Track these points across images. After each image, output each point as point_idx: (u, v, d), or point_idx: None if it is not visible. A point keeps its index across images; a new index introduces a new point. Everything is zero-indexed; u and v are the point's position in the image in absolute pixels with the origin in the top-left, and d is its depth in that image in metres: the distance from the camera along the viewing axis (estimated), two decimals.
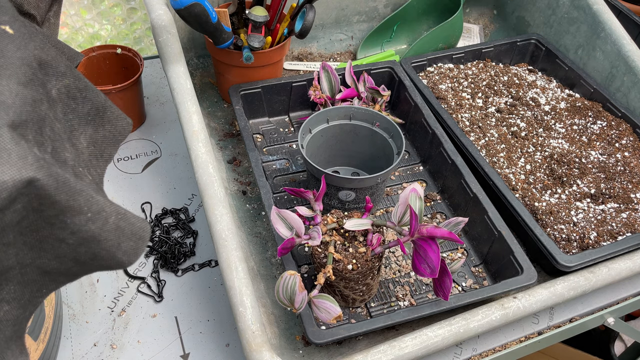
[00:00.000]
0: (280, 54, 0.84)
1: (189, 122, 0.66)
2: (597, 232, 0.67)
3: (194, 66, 0.96)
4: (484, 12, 1.14)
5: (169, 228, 0.74)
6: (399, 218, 0.58)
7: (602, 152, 0.78)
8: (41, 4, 0.43)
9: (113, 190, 0.78)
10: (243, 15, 0.82)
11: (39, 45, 0.35)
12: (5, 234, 0.30)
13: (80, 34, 1.18)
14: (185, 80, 0.69)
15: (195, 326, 0.64)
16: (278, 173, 0.77)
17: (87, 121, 0.39)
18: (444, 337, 0.53)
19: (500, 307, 0.56)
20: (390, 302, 0.64)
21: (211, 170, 0.62)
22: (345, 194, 0.67)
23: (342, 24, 1.05)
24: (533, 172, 0.74)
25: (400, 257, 0.68)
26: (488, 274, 0.68)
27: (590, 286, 0.60)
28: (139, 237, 0.36)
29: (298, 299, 0.53)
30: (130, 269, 0.69)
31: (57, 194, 0.30)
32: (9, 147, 0.28)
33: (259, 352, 0.50)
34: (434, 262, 0.53)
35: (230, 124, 0.87)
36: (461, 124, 0.81)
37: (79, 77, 0.38)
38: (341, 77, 0.84)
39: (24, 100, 0.31)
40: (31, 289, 0.34)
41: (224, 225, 0.58)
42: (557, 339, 0.67)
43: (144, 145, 0.86)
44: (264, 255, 0.69)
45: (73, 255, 0.34)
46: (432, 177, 0.79)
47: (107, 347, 0.62)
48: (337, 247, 0.58)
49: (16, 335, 0.35)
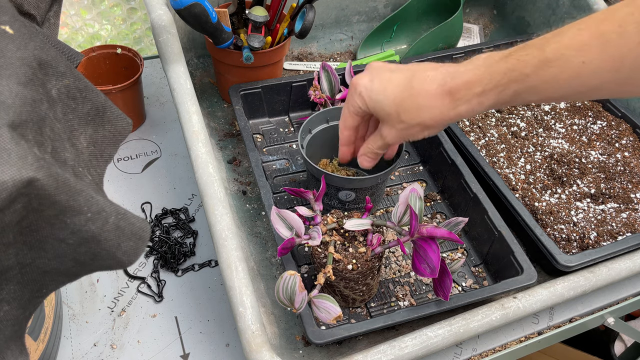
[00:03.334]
0: (280, 54, 0.84)
1: (189, 122, 0.66)
2: (597, 232, 0.67)
3: (194, 66, 0.96)
4: (484, 12, 1.14)
5: (169, 228, 0.74)
6: (399, 218, 0.58)
7: (602, 152, 0.78)
8: (41, 4, 0.43)
9: (113, 190, 0.78)
10: (243, 15, 0.82)
11: (39, 45, 0.35)
12: (5, 234, 0.30)
13: (80, 34, 1.18)
14: (185, 80, 0.69)
15: (195, 326, 0.64)
16: (278, 173, 0.77)
17: (87, 121, 0.39)
18: (444, 337, 0.53)
19: (500, 307, 0.56)
20: (390, 302, 0.64)
21: (211, 170, 0.62)
22: (345, 194, 0.67)
23: (342, 24, 1.05)
24: (533, 172, 0.74)
25: (400, 257, 0.68)
26: (488, 274, 0.68)
27: (590, 286, 0.60)
28: (139, 237, 0.36)
29: (298, 299, 0.53)
30: (130, 269, 0.69)
31: (57, 194, 0.30)
32: (9, 147, 0.28)
33: (259, 352, 0.50)
34: (434, 262, 0.53)
35: (230, 124, 0.87)
36: (461, 124, 0.81)
37: (79, 77, 0.38)
38: (341, 77, 0.84)
39: (23, 100, 0.31)
40: (31, 289, 0.34)
41: (224, 225, 0.58)
42: (557, 339, 0.67)
43: (144, 145, 0.86)
44: (264, 255, 0.69)
45: (73, 255, 0.34)
46: (432, 177, 0.79)
47: (107, 347, 0.62)
48: (337, 247, 0.58)
49: (16, 335, 0.35)
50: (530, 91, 0.46)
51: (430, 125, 0.51)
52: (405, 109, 0.51)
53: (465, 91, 0.48)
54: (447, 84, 0.49)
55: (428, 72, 0.51)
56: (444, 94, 0.49)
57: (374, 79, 0.54)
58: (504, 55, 0.47)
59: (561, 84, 0.44)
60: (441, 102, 0.49)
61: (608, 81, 0.43)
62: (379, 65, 0.55)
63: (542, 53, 0.44)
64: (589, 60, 0.42)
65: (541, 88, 0.45)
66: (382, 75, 0.54)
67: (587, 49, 0.42)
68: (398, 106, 0.52)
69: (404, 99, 0.51)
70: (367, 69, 0.56)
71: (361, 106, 0.55)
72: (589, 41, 0.42)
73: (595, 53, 0.42)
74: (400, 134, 0.54)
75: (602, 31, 0.42)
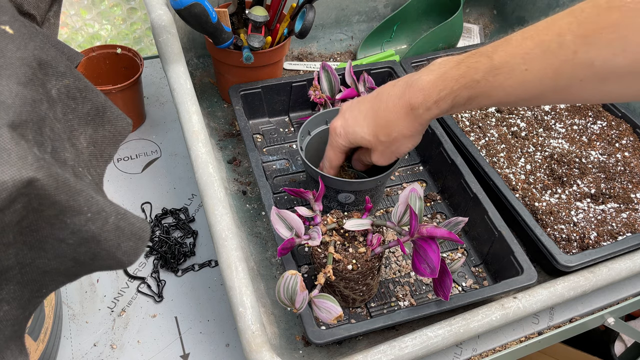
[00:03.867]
0: (280, 54, 0.84)
1: (189, 122, 0.66)
2: (597, 232, 0.67)
3: (194, 66, 0.96)
4: (484, 12, 1.14)
5: (169, 228, 0.74)
6: (399, 218, 0.58)
7: (602, 152, 0.78)
8: (41, 4, 0.43)
9: (113, 190, 0.78)
10: (243, 15, 0.82)
11: (39, 45, 0.35)
12: (5, 234, 0.30)
13: (80, 34, 1.18)
14: (185, 80, 0.69)
15: (195, 326, 0.64)
16: (278, 173, 0.77)
17: (87, 121, 0.39)
18: (444, 337, 0.53)
19: (500, 307, 0.56)
20: (390, 302, 0.64)
21: (211, 170, 0.62)
22: (344, 196, 0.67)
23: (342, 24, 1.05)
24: (533, 172, 0.74)
25: (400, 257, 0.68)
26: (488, 274, 0.68)
27: (590, 286, 0.60)
28: (139, 237, 0.36)
29: (299, 298, 0.53)
30: (130, 269, 0.69)
31: (57, 194, 0.30)
32: (9, 147, 0.28)
33: (259, 352, 0.50)
34: (434, 262, 0.53)
35: (230, 124, 0.87)
36: (461, 124, 0.81)
37: (79, 77, 0.38)
38: (341, 77, 0.84)
39: (23, 100, 0.31)
40: (31, 289, 0.34)
41: (224, 225, 0.58)
42: (557, 339, 0.67)
43: (144, 145, 0.86)
44: (264, 255, 0.69)
45: (73, 255, 0.34)
46: (432, 177, 0.79)
47: (107, 347, 0.62)
48: (337, 247, 0.58)
49: (16, 335, 0.35)
50: (482, 96, 0.48)
51: (407, 135, 0.55)
52: (380, 128, 0.56)
53: (423, 102, 0.51)
54: (405, 97, 0.53)
55: (388, 90, 0.55)
56: (406, 109, 0.53)
57: (346, 116, 0.60)
58: (456, 62, 0.49)
59: (507, 90, 0.46)
60: (405, 115, 0.54)
61: (548, 89, 0.44)
62: (348, 104, 0.61)
63: (490, 60, 0.46)
64: (531, 67, 0.44)
65: (492, 94, 0.47)
66: (353, 110, 0.59)
67: (529, 57, 0.44)
68: (373, 129, 0.57)
69: (375, 119, 0.56)
70: (339, 112, 0.61)
71: (344, 143, 0.60)
72: (531, 49, 0.44)
73: (537, 61, 0.43)
74: (386, 153, 0.58)
75: (543, 40, 0.43)
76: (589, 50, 0.40)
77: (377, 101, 0.56)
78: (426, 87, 0.51)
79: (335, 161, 0.63)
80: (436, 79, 0.50)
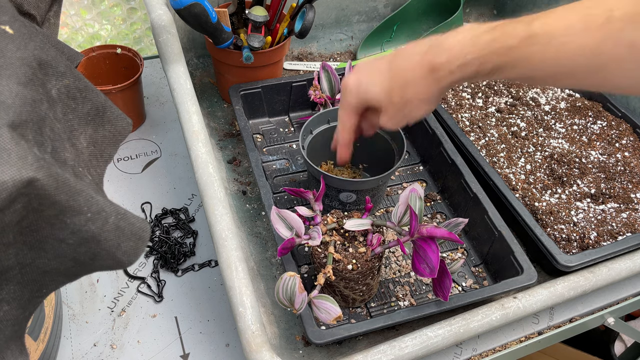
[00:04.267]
0: (280, 54, 0.84)
1: (189, 122, 0.66)
2: (597, 232, 0.67)
3: (194, 66, 0.96)
4: (484, 12, 1.14)
5: (169, 228, 0.74)
6: (399, 218, 0.58)
7: (602, 152, 0.78)
8: (41, 4, 0.43)
9: (113, 190, 0.78)
10: (243, 15, 0.82)
11: (39, 45, 0.35)
12: (5, 234, 0.30)
13: (80, 34, 1.18)
14: (185, 80, 0.69)
15: (195, 326, 0.64)
16: (278, 173, 0.77)
17: (87, 121, 0.39)
18: (444, 337, 0.53)
19: (500, 307, 0.56)
20: (390, 302, 0.64)
21: (211, 170, 0.62)
22: (346, 195, 0.67)
23: (342, 24, 1.05)
24: (533, 172, 0.74)
25: (400, 257, 0.68)
26: (488, 274, 0.68)
27: (590, 286, 0.60)
28: (139, 237, 0.36)
29: (298, 300, 0.53)
30: (130, 269, 0.69)
31: (57, 194, 0.30)
32: (9, 147, 0.28)
33: (259, 352, 0.50)
34: (433, 262, 0.53)
35: (230, 124, 0.87)
36: (461, 124, 0.81)
37: (79, 77, 0.38)
38: (341, 77, 0.84)
39: (23, 100, 0.31)
40: (31, 289, 0.34)
41: (224, 225, 0.58)
42: (557, 339, 0.67)
43: (144, 145, 0.86)
44: (264, 255, 0.69)
45: (73, 255, 0.34)
46: (432, 177, 0.79)
47: (107, 347, 0.62)
48: (337, 247, 0.58)
49: (16, 335, 0.35)
50: (509, 66, 0.45)
51: (422, 98, 0.51)
52: (395, 87, 0.52)
53: (447, 63, 0.48)
54: (428, 55, 0.49)
55: (410, 48, 0.51)
56: (426, 69, 0.49)
57: (360, 73, 0.55)
58: (490, 26, 0.46)
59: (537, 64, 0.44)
60: (424, 76, 0.49)
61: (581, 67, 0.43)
62: (363, 62, 0.56)
63: (528, 28, 0.44)
64: (570, 40, 0.42)
65: (520, 65, 0.45)
66: (367, 68, 0.55)
67: (572, 30, 0.42)
68: (388, 87, 0.52)
69: (390, 77, 0.52)
70: (354, 69, 0.57)
71: (354, 101, 0.56)
72: (575, 22, 0.42)
73: (579, 35, 0.42)
74: (397, 115, 0.54)
75: (590, 13, 0.41)
76: (637, 28, 0.39)
77: (395, 58, 0.52)
78: (453, 47, 0.47)
79: (347, 122, 0.58)
80: (465, 39, 0.46)
